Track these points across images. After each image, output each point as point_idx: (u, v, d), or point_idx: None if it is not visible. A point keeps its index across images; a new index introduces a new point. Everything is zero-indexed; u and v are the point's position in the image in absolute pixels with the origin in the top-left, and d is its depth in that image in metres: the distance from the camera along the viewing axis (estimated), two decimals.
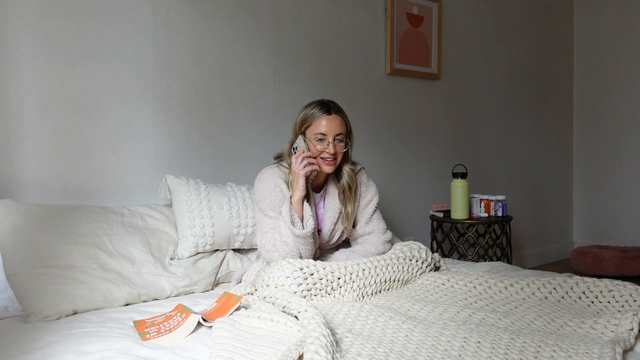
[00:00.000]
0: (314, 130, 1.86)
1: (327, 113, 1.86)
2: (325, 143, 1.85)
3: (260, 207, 1.90)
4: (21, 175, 1.94)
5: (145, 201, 2.18)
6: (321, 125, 1.85)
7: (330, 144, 1.85)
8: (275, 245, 1.80)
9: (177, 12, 2.29)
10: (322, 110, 1.86)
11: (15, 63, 1.92)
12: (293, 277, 1.60)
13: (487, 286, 1.73)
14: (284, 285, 1.59)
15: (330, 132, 1.85)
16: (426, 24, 3.26)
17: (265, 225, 1.88)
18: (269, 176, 1.91)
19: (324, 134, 1.85)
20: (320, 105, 1.88)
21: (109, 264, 1.76)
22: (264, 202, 1.89)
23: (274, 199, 1.87)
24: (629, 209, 4.11)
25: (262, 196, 1.89)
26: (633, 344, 1.32)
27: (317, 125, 1.85)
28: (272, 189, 1.88)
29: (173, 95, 2.29)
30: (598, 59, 4.25)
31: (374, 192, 2.05)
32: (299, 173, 1.82)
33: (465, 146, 3.57)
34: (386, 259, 1.82)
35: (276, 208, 1.87)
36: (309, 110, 1.89)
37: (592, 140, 4.31)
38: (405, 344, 1.31)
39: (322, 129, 1.85)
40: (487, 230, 2.98)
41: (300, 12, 2.71)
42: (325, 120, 1.85)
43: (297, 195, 1.82)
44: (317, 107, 1.88)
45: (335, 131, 1.85)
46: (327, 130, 1.85)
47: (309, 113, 1.88)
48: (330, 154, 1.85)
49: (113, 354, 1.26)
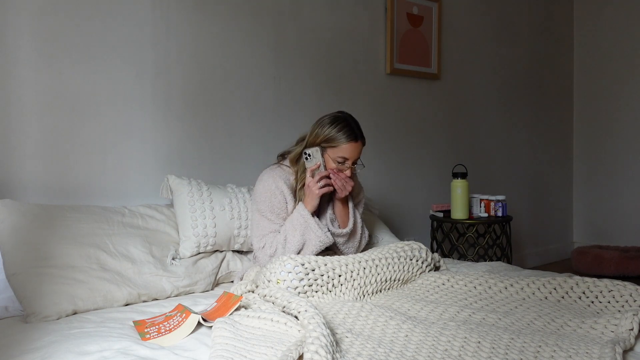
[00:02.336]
0: (337, 152, 1.88)
1: (354, 140, 1.88)
2: (344, 166, 1.90)
3: (259, 208, 1.91)
4: (21, 175, 1.94)
5: (145, 201, 2.18)
6: (346, 151, 1.88)
7: (349, 168, 1.90)
8: (278, 249, 1.85)
9: (177, 12, 2.29)
10: (350, 136, 1.88)
11: (15, 63, 1.92)
12: (295, 272, 1.61)
13: (487, 286, 1.73)
14: (285, 280, 1.60)
15: (352, 157, 1.90)
16: (426, 24, 3.26)
17: (263, 227, 1.91)
18: (270, 178, 1.92)
19: (346, 159, 1.89)
20: (348, 129, 1.88)
21: (109, 264, 1.76)
22: (264, 204, 1.90)
23: (274, 202, 1.89)
24: (629, 209, 4.11)
25: (262, 198, 1.91)
26: (633, 344, 1.32)
27: (342, 149, 1.88)
28: (272, 191, 1.89)
29: (173, 95, 2.29)
30: (598, 60, 4.25)
31: (362, 195, 2.15)
32: (315, 192, 1.86)
33: (465, 146, 3.57)
34: (387, 257, 1.82)
35: (276, 211, 1.89)
36: (336, 131, 1.88)
37: (592, 140, 4.31)
38: (405, 344, 1.31)
39: (346, 154, 1.88)
40: (487, 230, 2.98)
41: (300, 12, 2.71)
42: (352, 147, 1.88)
43: (310, 208, 1.87)
44: (345, 132, 1.88)
45: (356, 157, 1.91)
46: (351, 156, 1.89)
47: (336, 135, 1.88)
48: (348, 177, 1.90)
49: (113, 354, 1.26)
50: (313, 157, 1.88)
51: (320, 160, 1.87)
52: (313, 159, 1.88)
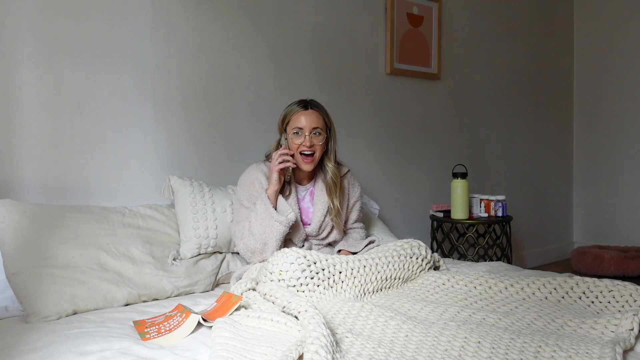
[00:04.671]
0: (292, 125, 1.99)
1: (304, 108, 2.00)
2: (302, 137, 1.96)
3: (238, 196, 2.01)
4: (21, 175, 1.94)
5: (145, 201, 2.18)
6: (298, 120, 1.98)
7: (306, 137, 1.96)
8: (244, 234, 1.91)
9: (177, 12, 2.29)
10: (299, 105, 2.00)
11: (15, 62, 1.92)
12: (297, 263, 1.62)
13: (487, 286, 1.73)
14: (287, 271, 1.61)
15: (306, 126, 1.97)
16: (426, 24, 3.26)
17: (240, 214, 1.99)
18: (252, 169, 2.03)
19: (300, 128, 1.97)
20: (298, 102, 2.03)
21: (110, 264, 1.76)
22: (242, 192, 2.00)
23: (251, 190, 1.98)
24: (629, 209, 4.11)
25: (241, 187, 2.02)
26: (633, 344, 1.32)
27: (295, 120, 1.99)
28: (251, 181, 1.99)
29: (173, 95, 2.29)
30: (598, 59, 4.25)
31: (359, 192, 2.19)
32: (273, 169, 1.95)
33: (465, 146, 3.57)
34: (387, 256, 1.82)
35: (252, 200, 1.97)
36: (289, 107, 2.03)
37: (592, 140, 4.31)
38: (405, 344, 1.31)
39: (299, 123, 1.98)
40: (487, 230, 2.98)
41: (300, 12, 2.71)
42: (302, 115, 1.98)
43: (270, 188, 1.95)
44: (296, 104, 2.02)
45: (311, 125, 1.97)
46: (304, 124, 1.97)
47: (288, 110, 2.02)
48: (307, 146, 1.96)
49: (113, 354, 1.26)
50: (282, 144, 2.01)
51: (285, 144, 2.01)
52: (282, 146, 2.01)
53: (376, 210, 2.75)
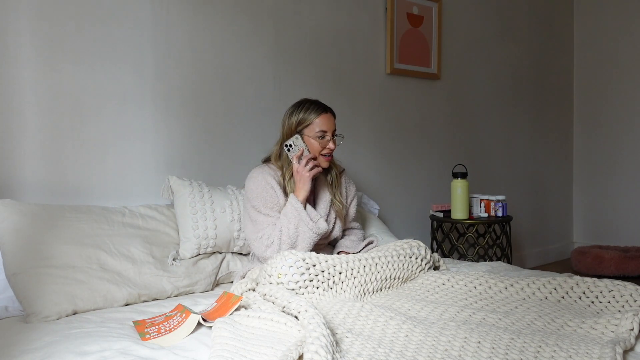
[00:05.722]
0: (314, 128, 1.95)
1: (324, 112, 1.97)
2: (326, 140, 1.96)
3: (254, 205, 1.94)
4: (21, 175, 1.94)
5: (146, 201, 2.18)
6: (322, 123, 1.95)
7: (333, 139, 1.97)
8: (274, 242, 1.87)
9: (177, 12, 2.29)
10: (319, 109, 1.97)
11: (15, 63, 1.92)
12: (296, 267, 1.62)
13: (487, 286, 1.73)
14: (286, 274, 1.61)
15: (330, 129, 1.97)
16: (426, 24, 3.26)
17: (260, 222, 1.93)
18: (259, 175, 1.96)
19: (324, 131, 1.95)
20: (315, 105, 1.98)
21: (110, 264, 1.76)
22: (257, 200, 1.93)
23: (266, 197, 1.93)
24: (629, 209, 4.11)
25: (254, 194, 1.94)
26: (633, 344, 1.32)
27: (318, 123, 1.95)
28: (263, 187, 1.93)
29: (173, 95, 2.29)
30: (598, 59, 4.25)
31: (355, 189, 2.20)
32: (306, 175, 1.90)
33: (465, 146, 3.57)
34: (387, 256, 1.82)
35: (269, 205, 1.93)
36: (304, 111, 1.97)
37: (592, 140, 4.31)
38: (405, 344, 1.31)
39: (323, 126, 1.95)
40: (487, 230, 2.98)
41: (300, 12, 2.71)
42: (325, 118, 1.96)
43: (303, 195, 1.91)
44: (313, 108, 1.97)
45: (333, 127, 1.98)
46: (328, 127, 1.96)
47: (306, 114, 1.96)
48: (331, 149, 1.97)
49: (113, 354, 1.26)
50: (295, 146, 1.93)
51: (302, 146, 1.93)
52: (295, 148, 1.93)
53: (376, 210, 2.75)
